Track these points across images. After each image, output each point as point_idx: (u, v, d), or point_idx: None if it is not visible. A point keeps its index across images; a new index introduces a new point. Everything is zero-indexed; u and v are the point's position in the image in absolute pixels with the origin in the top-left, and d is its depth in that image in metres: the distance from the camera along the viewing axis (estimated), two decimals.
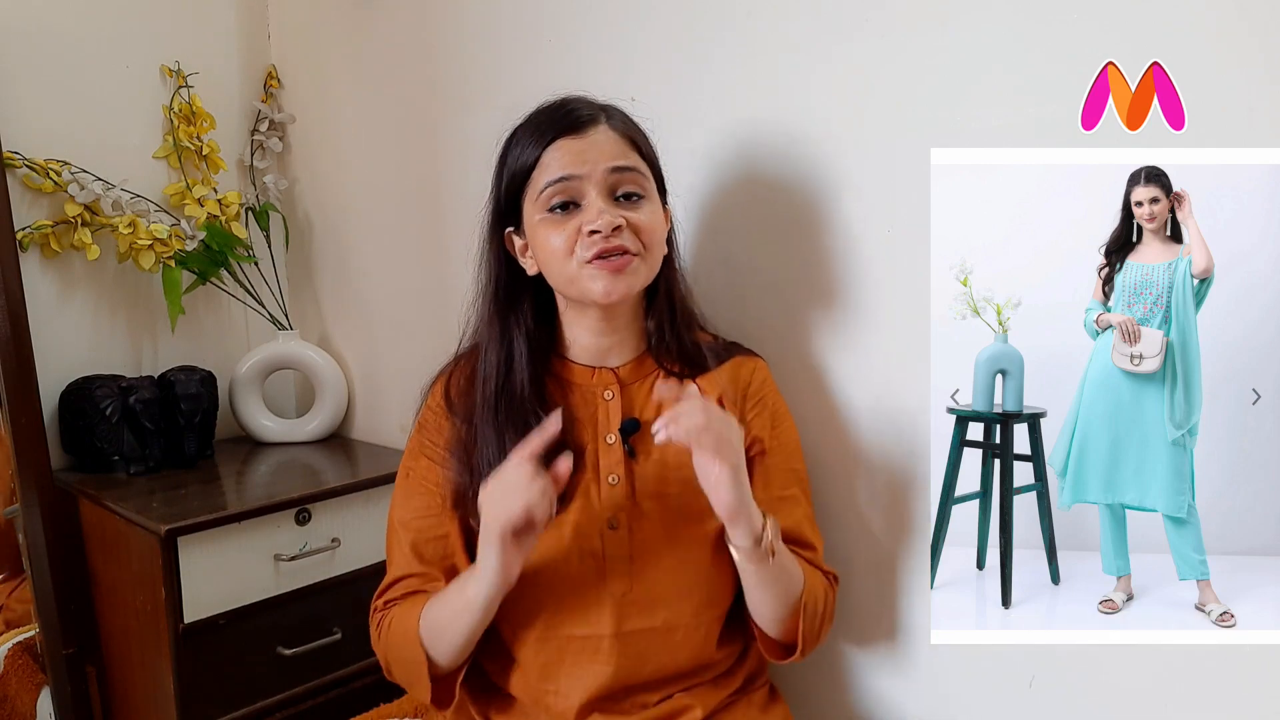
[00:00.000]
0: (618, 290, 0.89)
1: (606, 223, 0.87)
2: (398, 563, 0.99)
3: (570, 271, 0.90)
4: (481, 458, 0.93)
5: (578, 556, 0.91)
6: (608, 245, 0.88)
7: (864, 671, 1.11)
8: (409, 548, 0.97)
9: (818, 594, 0.95)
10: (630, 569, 0.91)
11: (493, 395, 0.94)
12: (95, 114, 1.55)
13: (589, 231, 0.88)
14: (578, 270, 0.90)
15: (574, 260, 0.89)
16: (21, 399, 1.38)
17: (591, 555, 0.91)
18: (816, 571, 0.98)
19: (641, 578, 0.91)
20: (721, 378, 0.99)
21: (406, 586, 0.98)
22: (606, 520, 0.92)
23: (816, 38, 1.02)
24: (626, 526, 0.92)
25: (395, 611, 0.96)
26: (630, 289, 0.91)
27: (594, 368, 0.98)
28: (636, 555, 0.91)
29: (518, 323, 0.96)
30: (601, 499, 0.93)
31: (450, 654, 0.91)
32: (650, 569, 0.92)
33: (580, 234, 0.88)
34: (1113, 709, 0.91)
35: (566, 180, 0.89)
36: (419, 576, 0.97)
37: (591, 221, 0.88)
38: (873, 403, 1.05)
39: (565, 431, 0.93)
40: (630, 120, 0.96)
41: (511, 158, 0.93)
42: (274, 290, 1.75)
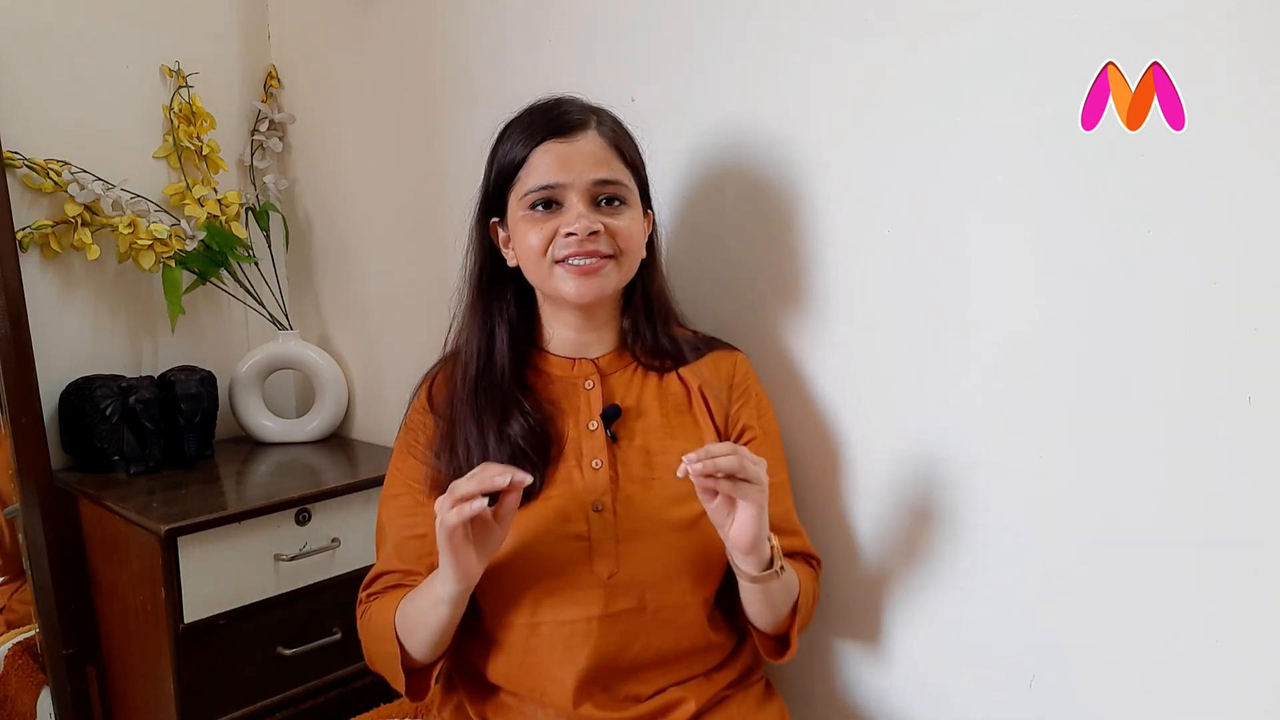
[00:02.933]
0: (589, 292, 0.93)
1: (583, 227, 0.90)
2: (383, 558, 1.02)
3: (543, 270, 0.94)
4: (461, 445, 0.94)
5: (564, 539, 0.92)
6: (581, 249, 0.91)
7: (862, 670, 1.11)
8: (392, 545, 1.00)
9: (809, 591, 0.98)
10: (616, 550, 0.92)
11: (473, 380, 0.96)
12: (95, 114, 1.55)
13: (565, 234, 0.91)
14: (549, 270, 0.93)
15: (547, 259, 0.93)
16: (21, 399, 1.38)
17: (578, 538, 0.92)
18: (804, 566, 1.01)
19: (628, 559, 0.92)
20: (702, 369, 1.01)
21: (387, 582, 1.01)
22: (591, 504, 0.93)
23: (815, 38, 1.02)
24: (611, 509, 0.93)
25: (375, 604, 0.99)
26: (602, 291, 0.94)
27: (574, 359, 1.00)
28: (622, 537, 0.92)
29: (499, 311, 0.99)
30: (585, 482, 0.94)
31: (424, 648, 0.93)
32: (636, 551, 0.92)
33: (557, 234, 0.92)
34: (1113, 709, 0.91)
35: (551, 188, 0.92)
36: (400, 573, 1.00)
37: (569, 225, 0.91)
38: (863, 402, 1.05)
39: (547, 420, 0.96)
40: (620, 126, 0.98)
41: (502, 152, 0.96)
42: (274, 290, 1.75)
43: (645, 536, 0.93)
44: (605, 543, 0.92)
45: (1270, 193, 0.76)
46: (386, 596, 0.98)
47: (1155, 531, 0.86)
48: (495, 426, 0.93)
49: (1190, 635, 0.85)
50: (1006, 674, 0.98)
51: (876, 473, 1.06)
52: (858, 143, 1.01)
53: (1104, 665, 0.91)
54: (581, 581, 0.92)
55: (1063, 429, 0.90)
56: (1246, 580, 0.82)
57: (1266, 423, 0.79)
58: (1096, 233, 0.85)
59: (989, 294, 0.93)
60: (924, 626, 1.04)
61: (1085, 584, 0.91)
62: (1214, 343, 0.80)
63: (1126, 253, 0.84)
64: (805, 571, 1.00)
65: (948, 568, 1.01)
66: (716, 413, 1.00)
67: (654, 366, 1.01)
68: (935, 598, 1.03)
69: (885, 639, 1.08)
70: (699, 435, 0.99)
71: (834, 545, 1.10)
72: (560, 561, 0.92)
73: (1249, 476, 0.80)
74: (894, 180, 0.99)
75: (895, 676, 1.08)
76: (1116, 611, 0.89)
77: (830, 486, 1.09)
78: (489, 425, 0.94)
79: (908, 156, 0.97)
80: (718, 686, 0.98)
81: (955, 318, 0.96)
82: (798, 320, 1.10)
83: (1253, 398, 0.79)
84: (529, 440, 0.93)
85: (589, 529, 0.92)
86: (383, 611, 0.96)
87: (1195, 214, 0.80)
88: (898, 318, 1.01)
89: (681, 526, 0.93)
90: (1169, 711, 0.88)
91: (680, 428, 0.99)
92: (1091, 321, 0.87)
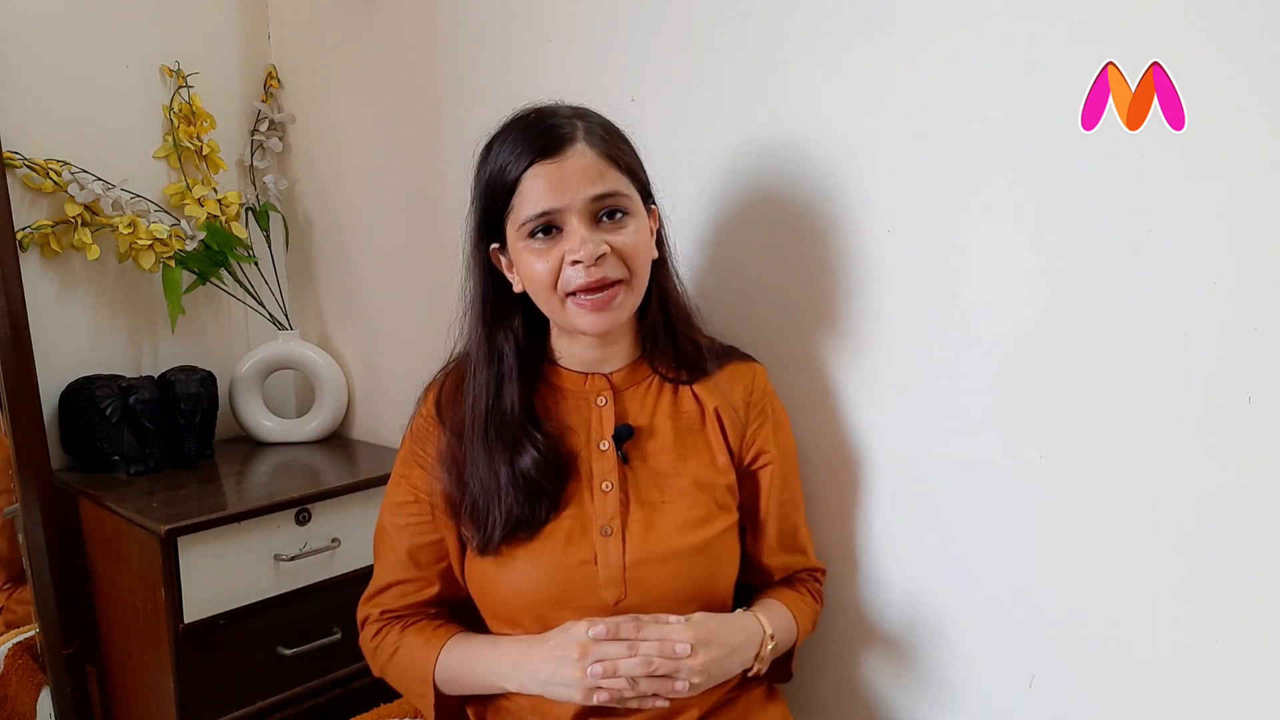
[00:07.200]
0: (605, 324, 0.90)
1: (589, 253, 0.87)
2: (391, 566, 1.00)
3: (555, 305, 0.91)
4: (472, 476, 0.93)
5: (572, 566, 0.91)
6: (590, 279, 0.87)
7: (863, 670, 1.11)
8: (405, 553, 0.99)
9: (808, 624, 1.01)
10: (624, 576, 0.91)
11: (483, 415, 0.94)
12: (95, 114, 1.55)
13: (572, 261, 0.88)
14: (561, 304, 0.90)
15: (558, 294, 0.90)
16: (21, 399, 1.38)
17: (585, 563, 0.91)
18: (804, 598, 1.03)
19: (635, 586, 0.91)
20: (720, 384, 0.99)
21: (401, 592, 1.00)
22: (600, 527, 0.92)
23: (818, 40, 1.02)
24: (620, 534, 0.92)
25: (407, 639, 0.99)
26: (617, 320, 0.91)
27: (586, 374, 0.98)
28: (630, 563, 0.91)
29: (507, 339, 0.96)
30: (595, 506, 0.93)
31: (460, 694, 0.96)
32: (644, 577, 0.91)
33: (564, 262, 0.88)
34: (1113, 709, 0.91)
35: (548, 214, 0.88)
36: (414, 582, 0.99)
37: (574, 251, 0.87)
38: (873, 406, 1.05)
39: (559, 443, 0.94)
40: (609, 129, 0.93)
41: (488, 174, 0.91)
42: (274, 290, 1.75)
43: (653, 563, 0.91)
44: (613, 569, 0.91)
45: (1270, 193, 0.76)
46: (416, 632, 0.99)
47: (1156, 531, 0.86)
48: (507, 459, 0.91)
49: (1191, 635, 0.85)
50: (1007, 673, 0.98)
51: (883, 476, 1.05)
52: (859, 143, 1.01)
53: (1104, 664, 0.91)
54: (588, 606, 0.90)
55: (1064, 429, 0.90)
56: (1247, 580, 0.82)
57: (1266, 423, 0.79)
58: (1096, 233, 0.85)
59: (991, 294, 0.93)
60: (925, 627, 1.04)
61: (1086, 583, 0.91)
62: (1214, 342, 0.80)
63: (1127, 252, 0.84)
64: (804, 607, 1.02)
65: (948, 568, 1.01)
66: (731, 435, 0.98)
67: (673, 378, 0.99)
68: (936, 598, 1.03)
69: (887, 641, 1.08)
70: (711, 457, 0.98)
71: (841, 549, 1.09)
72: (567, 587, 0.91)
73: (1249, 476, 0.80)
74: (895, 181, 0.98)
75: (896, 677, 1.08)
76: (1117, 611, 0.89)
77: (838, 490, 1.09)
78: (500, 459, 0.92)
79: (910, 158, 0.97)
80: (721, 691, 0.97)
81: (958, 318, 0.96)
82: (802, 323, 1.09)
83: (1253, 398, 0.79)
84: (541, 471, 0.92)
85: (596, 554, 0.91)
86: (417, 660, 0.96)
87: (1195, 214, 0.80)
88: (901, 319, 1.01)
89: (690, 552, 0.92)
90: (1169, 711, 0.88)
91: (692, 448, 0.97)
92: (1092, 321, 0.87)
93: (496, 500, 0.91)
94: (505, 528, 0.91)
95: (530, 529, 0.91)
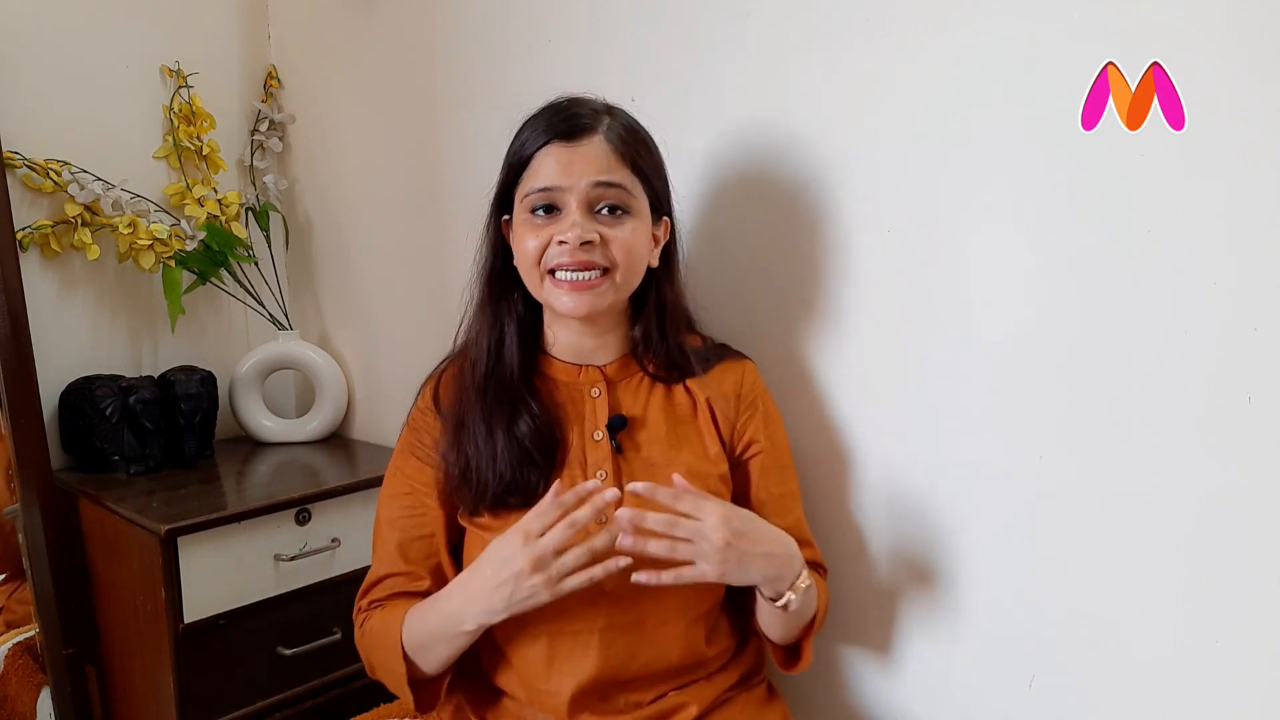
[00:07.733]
0: (581, 307, 0.92)
1: (575, 236, 0.89)
2: (383, 560, 1.00)
3: (535, 280, 0.93)
4: (470, 443, 0.94)
5: None
6: (572, 259, 0.90)
7: (862, 670, 1.11)
8: (395, 546, 0.99)
9: (823, 608, 0.98)
10: None
11: (482, 378, 0.96)
12: (95, 114, 1.55)
13: (558, 241, 0.90)
14: (541, 280, 0.93)
15: (540, 269, 0.92)
16: (21, 399, 1.38)
17: None
18: (822, 581, 1.00)
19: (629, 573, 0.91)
20: (710, 381, 1.00)
21: (391, 586, 0.99)
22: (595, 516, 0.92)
23: (818, 40, 1.02)
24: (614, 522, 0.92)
25: (377, 615, 0.98)
26: (594, 307, 0.92)
27: (580, 365, 0.99)
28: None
29: (509, 309, 0.98)
30: None
31: (434, 665, 0.93)
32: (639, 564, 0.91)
33: (551, 242, 0.91)
34: (1113, 709, 0.91)
35: (549, 191, 0.91)
36: (404, 575, 0.99)
37: (562, 232, 0.90)
38: (866, 403, 1.05)
39: (553, 423, 0.95)
40: (633, 132, 0.95)
41: (513, 149, 0.95)
42: (274, 290, 1.75)
43: None
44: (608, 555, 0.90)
45: (1270, 193, 0.76)
46: (390, 607, 0.97)
47: (1156, 531, 0.86)
48: (504, 425, 0.93)
49: (1191, 635, 0.85)
50: (1007, 673, 0.98)
51: (882, 476, 1.05)
52: (859, 143, 1.01)
53: (1104, 664, 0.91)
54: (585, 593, 0.90)
55: (1064, 429, 0.90)
56: (1247, 580, 0.82)
57: (1266, 423, 0.79)
58: (1096, 233, 0.85)
59: (991, 294, 0.94)
60: (925, 627, 1.04)
61: (1086, 583, 0.91)
62: (1214, 342, 0.80)
63: (1127, 252, 0.84)
64: (821, 585, 0.99)
65: (949, 569, 1.01)
66: (723, 426, 0.99)
67: (662, 378, 1.00)
68: (937, 599, 1.03)
69: (886, 640, 1.08)
70: (703, 448, 0.98)
71: (838, 549, 1.09)
72: None
73: (1249, 476, 0.80)
74: (895, 181, 0.99)
75: (896, 677, 1.08)
76: (1117, 611, 0.89)
77: (836, 490, 1.09)
78: (498, 424, 0.93)
79: (910, 158, 0.97)
80: (720, 689, 0.98)
81: (958, 318, 0.96)
82: (801, 323, 1.10)
83: (1252, 397, 0.79)
84: (535, 442, 0.93)
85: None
86: (386, 627, 0.94)
87: (1195, 214, 0.80)
88: (901, 319, 1.01)
89: None
90: (1169, 711, 0.88)
91: (685, 439, 0.98)
92: (1092, 321, 0.87)
93: (491, 464, 0.92)
94: (497, 490, 0.92)
95: (521, 496, 0.91)
